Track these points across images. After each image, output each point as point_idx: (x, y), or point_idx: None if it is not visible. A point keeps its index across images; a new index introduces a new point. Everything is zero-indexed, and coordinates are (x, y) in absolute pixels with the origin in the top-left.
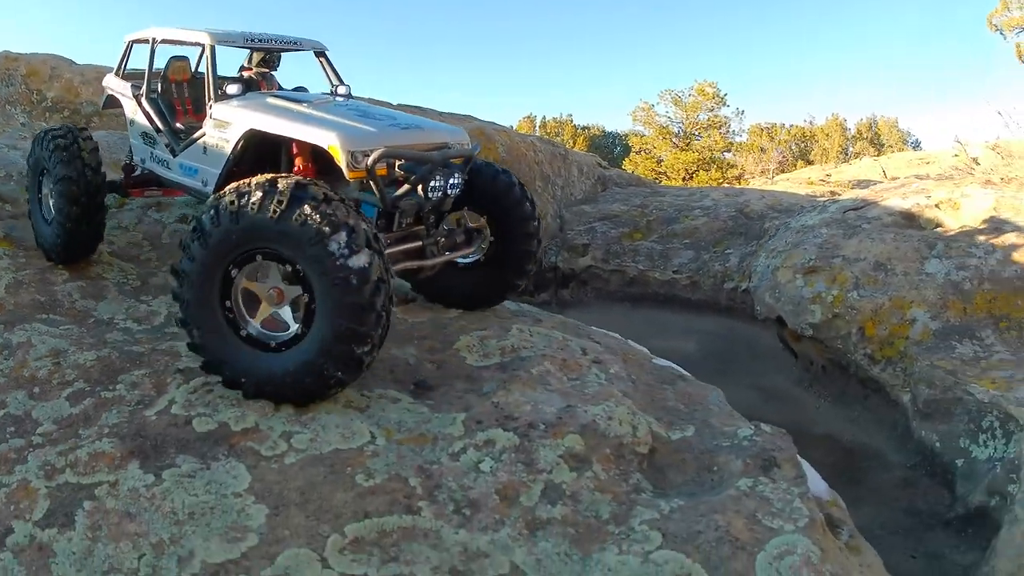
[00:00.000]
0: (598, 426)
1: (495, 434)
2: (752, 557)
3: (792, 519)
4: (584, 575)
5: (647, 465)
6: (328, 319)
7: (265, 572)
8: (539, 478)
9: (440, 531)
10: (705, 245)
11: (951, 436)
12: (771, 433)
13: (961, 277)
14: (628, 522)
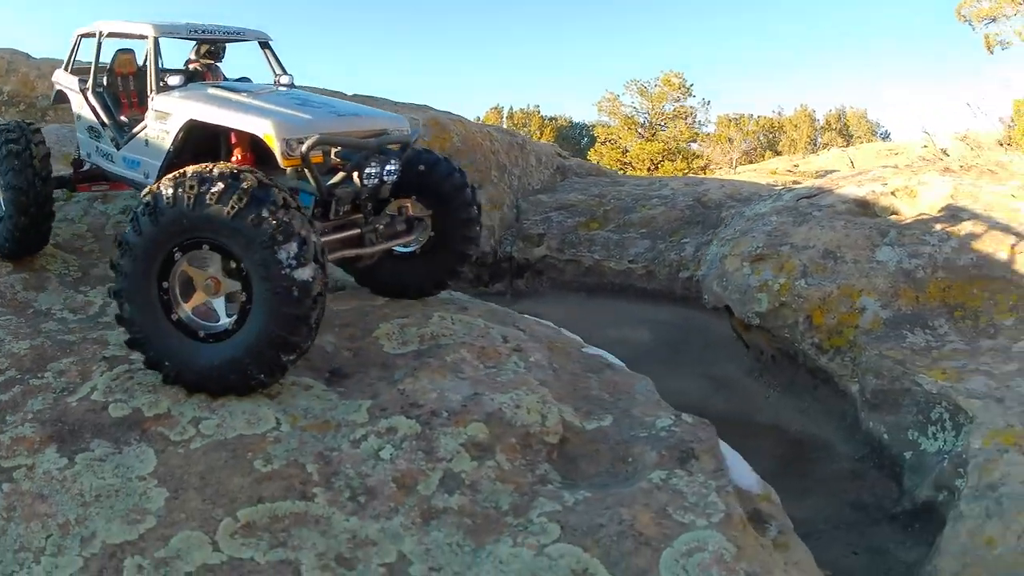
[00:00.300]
0: (504, 415)
1: (398, 421)
2: (657, 553)
3: (706, 514)
4: (474, 567)
5: (558, 455)
6: (263, 323)
7: (159, 553)
8: (438, 467)
9: (331, 518)
10: (662, 235)
11: (899, 428)
12: (692, 424)
13: (914, 265)
14: (528, 514)
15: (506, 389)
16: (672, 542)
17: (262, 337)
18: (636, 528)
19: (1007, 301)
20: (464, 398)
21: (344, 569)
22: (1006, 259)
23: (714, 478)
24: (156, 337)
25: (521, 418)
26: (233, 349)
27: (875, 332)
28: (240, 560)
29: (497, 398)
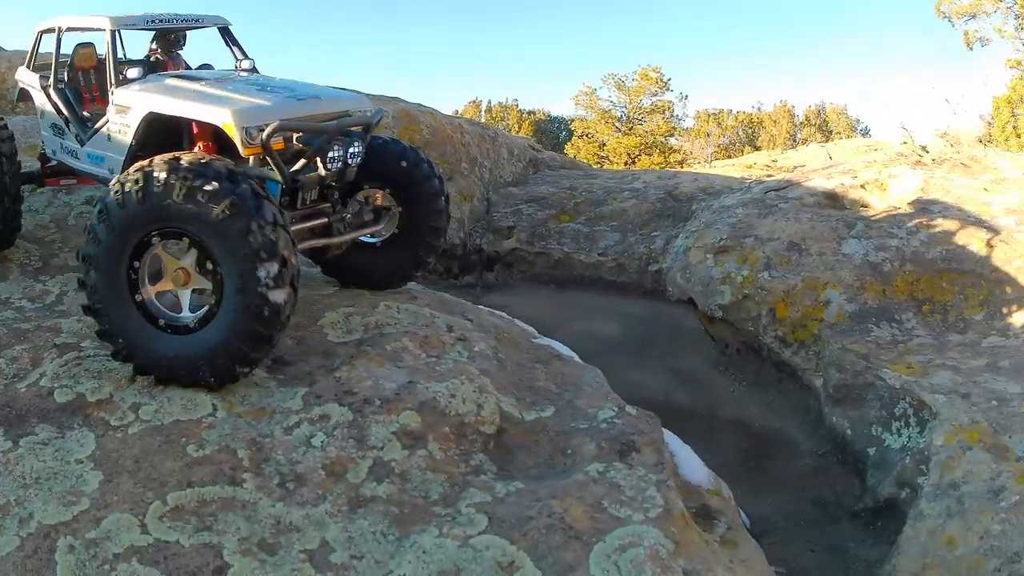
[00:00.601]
0: (438, 403)
1: (331, 409)
2: (588, 548)
3: (643, 508)
4: (397, 556)
5: (494, 446)
6: (226, 332)
7: (90, 535)
8: (369, 455)
9: (258, 503)
10: (632, 228)
11: (863, 423)
12: (635, 416)
13: (881, 258)
14: (457, 504)
15: (443, 378)
16: (605, 537)
17: (223, 344)
18: (567, 521)
19: (977, 295)
20: (399, 386)
21: (266, 554)
22: (977, 253)
23: (655, 472)
24: (116, 313)
25: (456, 407)
26: (191, 346)
27: (840, 326)
28: (166, 543)
29: (432, 387)
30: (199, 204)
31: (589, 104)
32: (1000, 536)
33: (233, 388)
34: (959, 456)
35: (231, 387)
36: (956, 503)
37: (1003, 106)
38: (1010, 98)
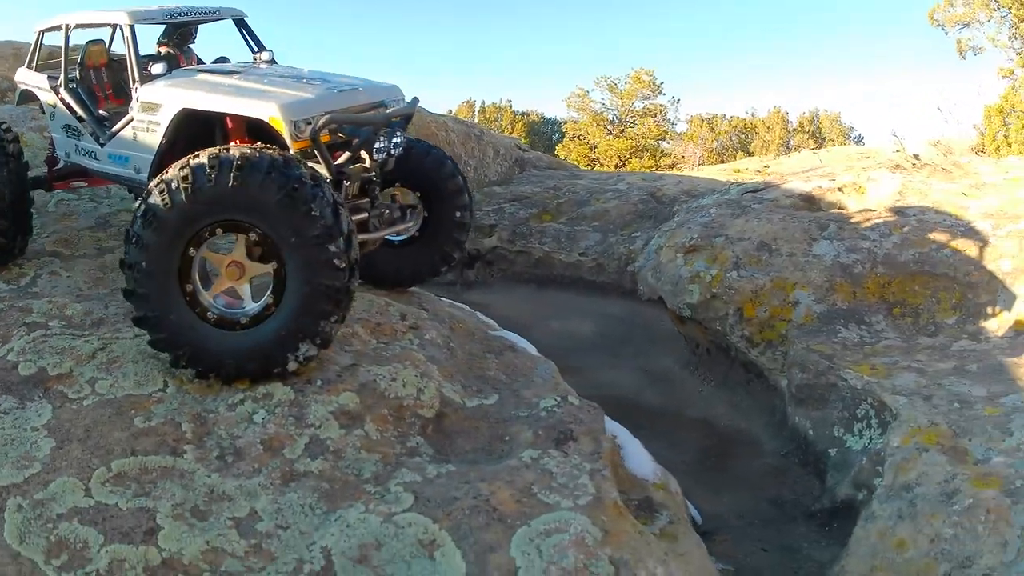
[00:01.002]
0: (378, 386)
1: (274, 388)
2: (511, 531)
3: (573, 495)
4: (321, 528)
5: (433, 430)
6: (298, 315)
7: (38, 495)
8: (306, 432)
9: (195, 473)
10: (613, 228)
11: (825, 424)
12: (577, 406)
13: (851, 260)
14: (387, 483)
15: (387, 362)
16: (530, 521)
17: (296, 327)
18: (492, 504)
19: (950, 299)
20: (341, 368)
21: (196, 519)
22: (951, 256)
23: (590, 461)
24: (172, 318)
25: (396, 390)
26: (259, 335)
27: (808, 326)
28: (106, 505)
29: (374, 370)
30: (257, 193)
31: (581, 106)
32: (952, 540)
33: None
34: (915, 458)
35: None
36: (908, 505)
37: (994, 115)
38: (1001, 107)
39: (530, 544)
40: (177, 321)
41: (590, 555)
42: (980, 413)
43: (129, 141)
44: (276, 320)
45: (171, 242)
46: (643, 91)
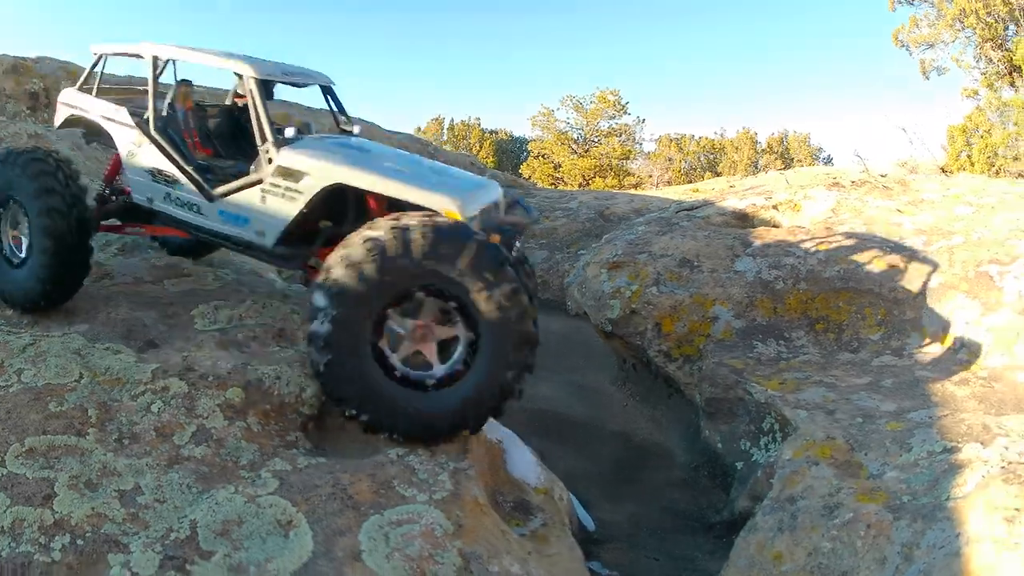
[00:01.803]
0: (263, 383)
1: (172, 382)
2: (364, 518)
3: (430, 490)
4: (194, 504)
5: (314, 427)
6: (493, 371)
7: None
8: (194, 422)
9: (93, 452)
10: (560, 245)
11: (733, 437)
12: None
13: (773, 276)
14: (259, 470)
15: (275, 363)
16: (384, 511)
17: (492, 384)
18: (350, 493)
19: (875, 315)
20: (232, 367)
21: (87, 490)
22: (877, 273)
23: (455, 460)
24: (365, 386)
25: (279, 388)
26: (452, 395)
27: (726, 341)
28: (15, 475)
29: (262, 369)
30: (462, 266)
31: (546, 125)
32: (829, 554)
33: (102, 362)
34: (803, 471)
35: (101, 361)
36: (790, 517)
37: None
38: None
39: (379, 531)
40: (373, 388)
41: (438, 546)
42: (882, 428)
43: (254, 204)
44: (471, 382)
45: (364, 313)
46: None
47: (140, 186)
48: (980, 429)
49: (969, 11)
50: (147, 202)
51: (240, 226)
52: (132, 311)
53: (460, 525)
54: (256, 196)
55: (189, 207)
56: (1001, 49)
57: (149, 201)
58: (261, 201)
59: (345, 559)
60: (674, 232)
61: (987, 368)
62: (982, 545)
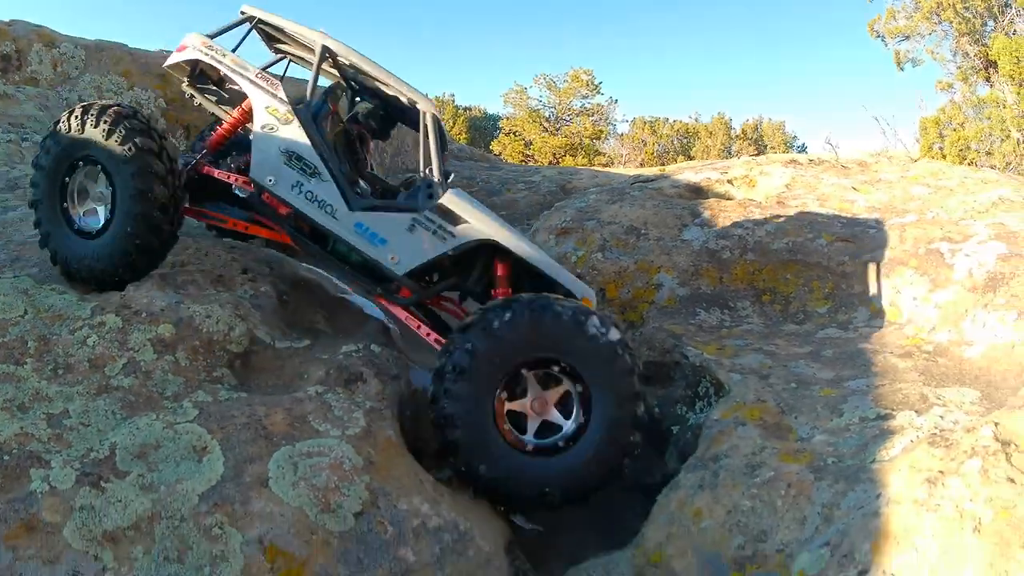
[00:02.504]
0: (193, 321)
1: (108, 318)
2: (275, 447)
3: (343, 426)
4: (116, 428)
5: (241, 364)
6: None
7: None
8: (125, 355)
9: (28, 379)
10: (520, 217)
11: (670, 401)
12: (378, 353)
13: (720, 246)
14: (182, 400)
15: (207, 303)
16: (295, 443)
17: (601, 456)
18: (264, 424)
19: (823, 288)
20: (166, 305)
21: (19, 412)
22: (827, 247)
23: (372, 400)
24: (484, 446)
25: (209, 327)
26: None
27: (669, 308)
28: None
29: (193, 307)
30: (587, 339)
31: (519, 102)
32: (749, 512)
33: (47, 301)
34: (729, 431)
35: (46, 300)
36: (711, 475)
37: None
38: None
39: (288, 461)
40: (505, 463)
41: (345, 479)
42: (815, 393)
43: (400, 230)
44: (592, 435)
45: (486, 387)
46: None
47: (266, 164)
48: (917, 398)
49: (947, 5)
50: (269, 182)
51: (375, 245)
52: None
53: (371, 462)
54: (405, 223)
55: (322, 206)
56: (978, 44)
57: (270, 182)
58: (409, 230)
59: (252, 484)
60: (624, 201)
61: (933, 343)
62: (902, 506)
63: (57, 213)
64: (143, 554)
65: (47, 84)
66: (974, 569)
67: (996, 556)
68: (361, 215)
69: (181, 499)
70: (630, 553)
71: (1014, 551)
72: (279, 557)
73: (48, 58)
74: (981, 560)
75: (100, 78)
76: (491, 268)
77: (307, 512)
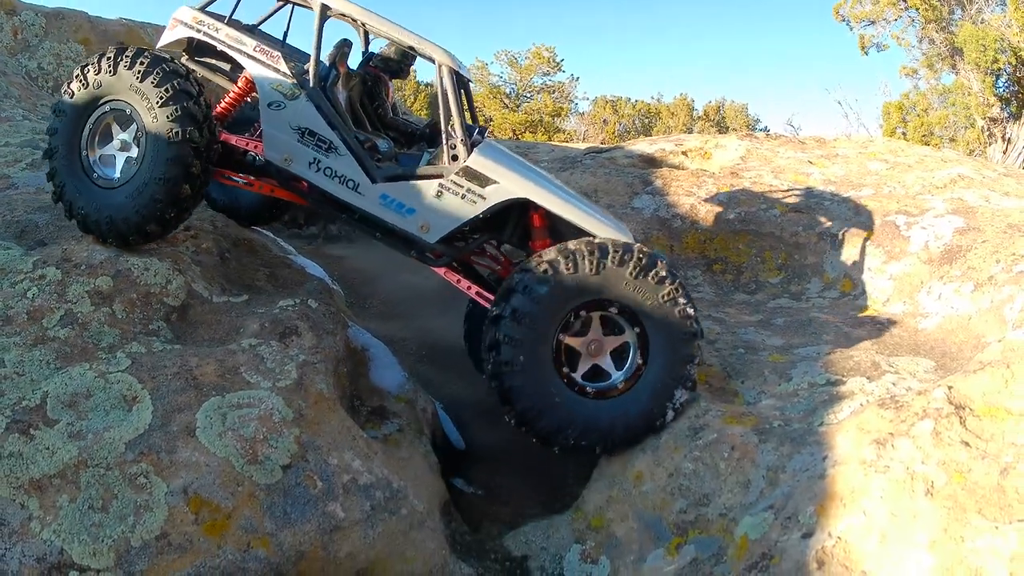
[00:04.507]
0: (131, 273)
1: (48, 271)
2: (205, 398)
3: (274, 378)
4: (50, 377)
5: (177, 317)
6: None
7: None
8: (63, 306)
9: None
10: None
11: None
12: (314, 308)
13: (671, 214)
14: (117, 352)
15: (146, 256)
16: (225, 393)
17: (667, 382)
18: (195, 375)
19: (775, 259)
20: (105, 258)
21: None
22: (780, 218)
23: (306, 353)
24: (543, 390)
25: (146, 279)
26: (638, 398)
27: None
28: None
29: (132, 260)
30: (647, 284)
31: (480, 78)
32: (691, 475)
33: None
34: None
35: None
36: (653, 438)
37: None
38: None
39: (217, 411)
40: (564, 405)
41: (274, 430)
42: (764, 359)
43: (427, 197)
44: (649, 378)
45: (545, 330)
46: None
47: (279, 143)
48: (869, 366)
49: None
50: (282, 162)
51: (403, 215)
52: (28, 215)
53: (301, 414)
54: (432, 190)
55: (344, 182)
56: (944, 31)
57: (285, 162)
58: (436, 196)
59: (179, 433)
60: (575, 169)
61: (887, 314)
62: (849, 467)
63: (76, 162)
64: (68, 502)
65: (7, 52)
66: (927, 534)
67: (950, 521)
68: (385, 186)
69: (108, 447)
70: (570, 517)
71: (970, 516)
72: (204, 508)
73: (8, 25)
74: (934, 524)
75: (59, 46)
76: (527, 220)
77: (233, 463)
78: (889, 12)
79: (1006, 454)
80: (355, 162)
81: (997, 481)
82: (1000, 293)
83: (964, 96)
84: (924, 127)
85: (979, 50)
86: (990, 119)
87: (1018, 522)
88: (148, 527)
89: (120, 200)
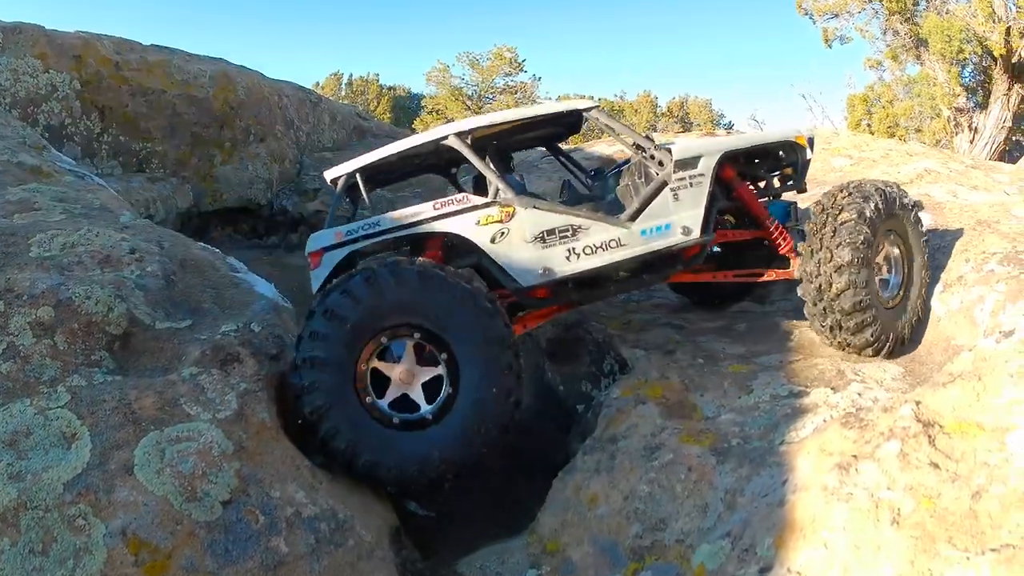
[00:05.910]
0: (73, 302)
1: None
2: (143, 433)
3: (214, 409)
4: None
5: (120, 346)
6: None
7: None
8: (5, 339)
9: None
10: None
11: (575, 379)
12: (257, 332)
13: None
14: (58, 385)
15: (88, 284)
16: (164, 427)
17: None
18: (134, 408)
19: None
20: (47, 287)
21: None
22: None
23: (247, 382)
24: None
25: (88, 308)
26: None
27: None
28: None
29: (74, 289)
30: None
31: (442, 81)
32: (647, 498)
33: None
34: (628, 410)
35: None
36: (608, 458)
37: (858, 104)
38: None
39: (155, 447)
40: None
41: (212, 465)
42: (724, 370)
43: (669, 205)
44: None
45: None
46: (504, 68)
47: (525, 266)
48: (834, 374)
49: None
50: (542, 277)
51: (664, 235)
52: None
53: (242, 447)
54: (668, 198)
55: (606, 247)
56: (909, 23)
57: (546, 274)
58: (674, 199)
59: (117, 472)
60: (532, 172)
61: None
62: (809, 494)
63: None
64: (10, 546)
65: None
66: (892, 567)
67: (917, 552)
68: (638, 222)
69: (46, 488)
70: (525, 540)
71: (939, 546)
72: (143, 549)
73: None
74: (900, 556)
75: (16, 60)
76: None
77: (172, 501)
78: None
79: (978, 475)
80: (602, 224)
81: (968, 506)
82: (970, 293)
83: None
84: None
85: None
86: (956, 109)
87: (991, 552)
88: (87, 570)
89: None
